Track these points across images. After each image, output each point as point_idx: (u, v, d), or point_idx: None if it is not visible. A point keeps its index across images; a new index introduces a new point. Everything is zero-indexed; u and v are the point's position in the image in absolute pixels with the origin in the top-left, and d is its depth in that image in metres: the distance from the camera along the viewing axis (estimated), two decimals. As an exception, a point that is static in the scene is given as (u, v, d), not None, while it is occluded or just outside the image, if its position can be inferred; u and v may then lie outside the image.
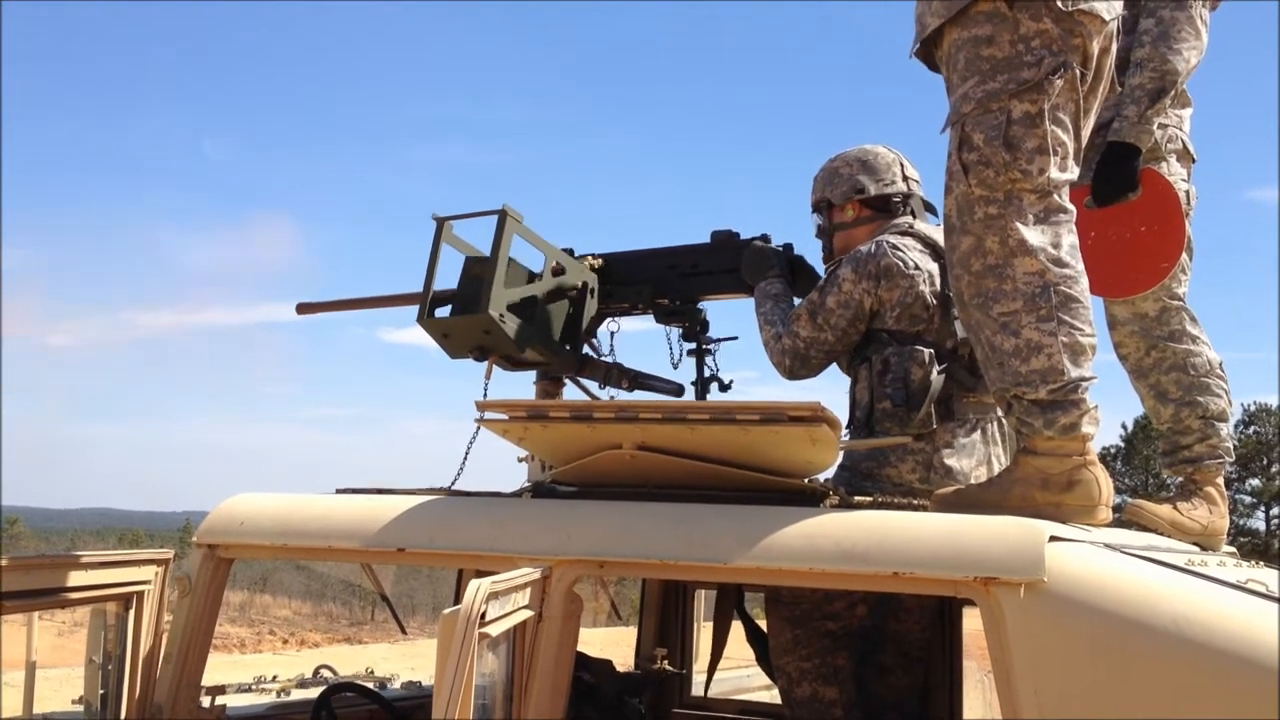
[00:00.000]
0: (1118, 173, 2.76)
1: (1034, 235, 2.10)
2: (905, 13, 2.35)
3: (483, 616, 1.54)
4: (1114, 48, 2.25)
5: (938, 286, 2.63)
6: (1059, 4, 2.11)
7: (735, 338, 3.04)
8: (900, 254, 2.63)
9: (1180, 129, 2.98)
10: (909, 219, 2.80)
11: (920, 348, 2.56)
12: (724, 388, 3.00)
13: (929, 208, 2.87)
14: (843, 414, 2.72)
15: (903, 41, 2.37)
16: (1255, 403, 34.18)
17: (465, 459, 2.66)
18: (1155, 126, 2.79)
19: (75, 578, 2.28)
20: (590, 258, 2.97)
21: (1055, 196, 2.14)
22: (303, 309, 3.40)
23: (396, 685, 3.75)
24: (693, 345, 3.02)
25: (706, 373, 3.01)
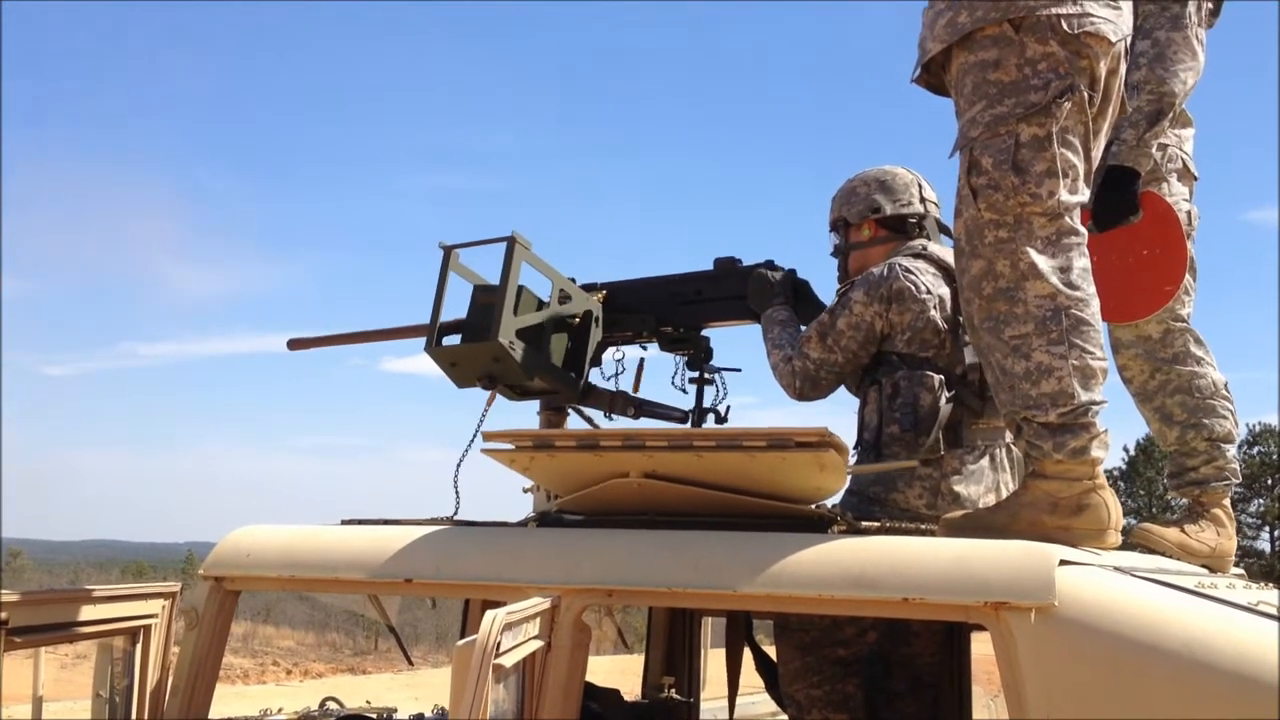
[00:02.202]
0: (1118, 197, 2.75)
1: (1045, 259, 2.10)
2: (915, 31, 2.34)
3: (497, 647, 1.54)
4: (1122, 69, 2.25)
5: (949, 311, 2.63)
6: (1065, 26, 2.10)
7: (739, 369, 3.04)
8: (913, 277, 2.63)
9: (1181, 148, 2.98)
10: (924, 241, 2.81)
11: (930, 373, 2.56)
12: (720, 419, 2.99)
13: (945, 230, 2.87)
14: (850, 436, 2.73)
15: (911, 60, 2.37)
16: (1259, 423, 34.15)
17: (455, 485, 2.67)
18: (1154, 149, 2.79)
19: (83, 612, 2.28)
20: (596, 295, 2.97)
21: (1066, 219, 2.13)
22: (294, 345, 3.31)
23: (401, 717, 3.72)
24: (695, 374, 3.02)
25: (712, 401, 3.01)
